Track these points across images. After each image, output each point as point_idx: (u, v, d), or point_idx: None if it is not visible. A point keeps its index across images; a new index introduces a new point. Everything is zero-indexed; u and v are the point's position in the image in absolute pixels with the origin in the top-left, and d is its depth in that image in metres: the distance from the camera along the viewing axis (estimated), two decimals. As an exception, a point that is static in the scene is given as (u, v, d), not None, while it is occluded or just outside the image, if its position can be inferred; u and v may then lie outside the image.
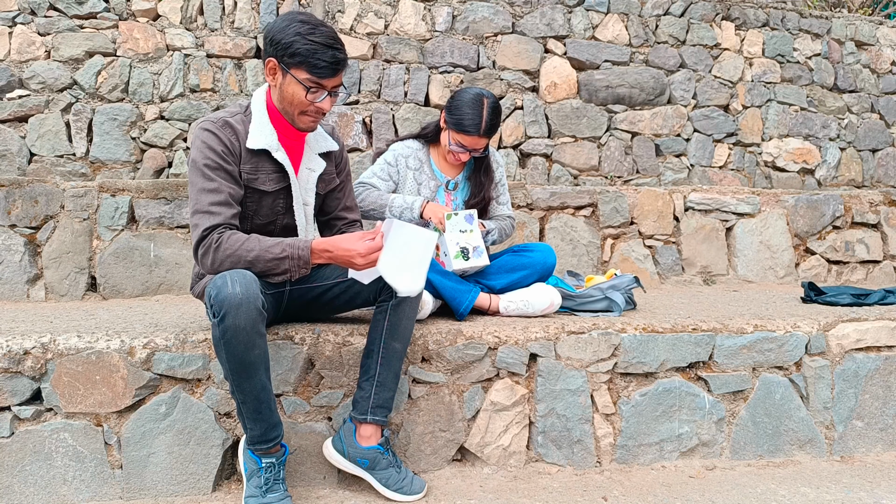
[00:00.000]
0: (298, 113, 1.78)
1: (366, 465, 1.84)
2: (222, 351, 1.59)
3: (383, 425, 1.87)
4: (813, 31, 4.87)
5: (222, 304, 1.54)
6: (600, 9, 4.46)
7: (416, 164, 2.44)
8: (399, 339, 1.86)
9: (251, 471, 1.75)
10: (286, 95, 1.75)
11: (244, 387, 1.63)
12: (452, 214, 2.23)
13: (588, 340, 2.13)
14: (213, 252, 1.66)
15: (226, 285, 1.55)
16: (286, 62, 1.71)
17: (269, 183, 1.82)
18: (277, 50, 1.70)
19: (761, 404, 2.23)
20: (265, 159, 1.81)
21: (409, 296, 1.78)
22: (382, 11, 4.18)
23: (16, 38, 3.79)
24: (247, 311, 1.55)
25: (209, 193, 1.70)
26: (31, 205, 2.98)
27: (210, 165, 1.72)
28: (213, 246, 1.66)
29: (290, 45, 1.68)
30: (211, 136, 1.74)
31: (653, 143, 4.46)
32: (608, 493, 1.94)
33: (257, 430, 1.70)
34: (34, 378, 1.83)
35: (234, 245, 1.65)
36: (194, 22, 3.99)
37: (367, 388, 1.84)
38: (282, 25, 1.70)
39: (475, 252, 2.24)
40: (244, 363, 1.60)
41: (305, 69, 1.70)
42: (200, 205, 1.69)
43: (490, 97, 2.32)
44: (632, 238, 3.58)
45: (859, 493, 1.97)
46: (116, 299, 2.99)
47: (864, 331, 2.33)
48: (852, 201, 3.88)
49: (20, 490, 1.81)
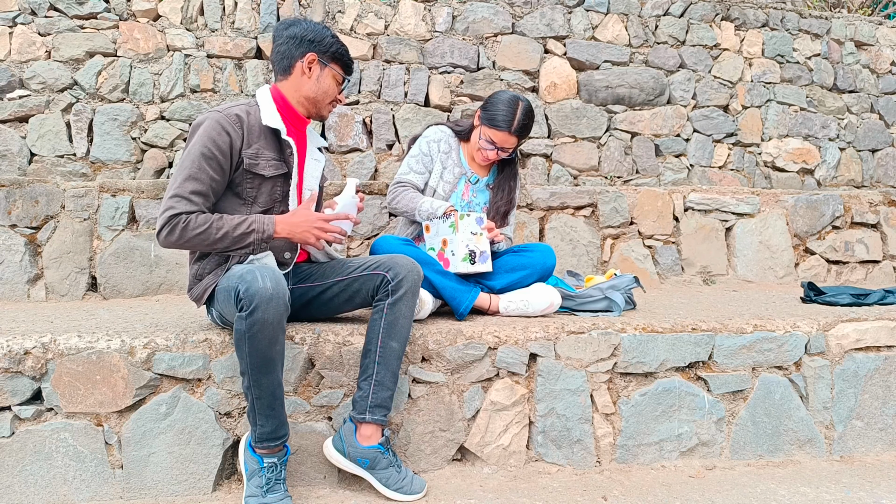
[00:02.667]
0: (328, 103, 2.00)
1: (366, 465, 1.84)
2: (245, 345, 1.62)
3: (383, 425, 1.87)
4: (813, 32, 4.87)
5: (253, 297, 1.59)
6: (600, 9, 4.47)
7: (447, 147, 2.47)
8: (396, 338, 1.87)
9: (252, 470, 1.76)
10: (322, 86, 1.96)
11: (262, 382, 1.67)
12: (465, 215, 2.23)
13: (588, 340, 2.13)
14: (179, 231, 1.73)
15: (256, 280, 1.61)
16: (326, 58, 1.94)
17: (268, 168, 1.88)
18: (317, 47, 1.92)
19: (761, 404, 2.24)
20: (267, 146, 1.88)
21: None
22: (382, 12, 4.18)
23: (16, 39, 3.80)
24: (276, 306, 1.61)
25: (194, 181, 1.77)
26: (31, 205, 2.98)
27: (206, 155, 1.78)
28: (182, 225, 1.73)
29: (331, 45, 1.94)
30: (219, 128, 1.80)
31: (652, 143, 4.47)
32: (608, 493, 1.94)
33: (268, 427, 1.72)
34: (35, 378, 1.84)
35: (202, 224, 1.74)
36: (195, 22, 3.99)
37: (366, 388, 1.85)
38: (317, 28, 1.94)
39: (481, 257, 2.25)
40: (266, 358, 1.64)
41: (340, 66, 1.98)
42: (182, 189, 1.76)
43: (525, 101, 2.37)
44: (631, 238, 3.59)
45: (859, 493, 1.97)
46: (117, 299, 2.99)
47: (864, 331, 2.34)
48: (852, 201, 3.88)
49: (20, 490, 1.81)
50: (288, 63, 1.93)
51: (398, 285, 1.87)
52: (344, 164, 4.03)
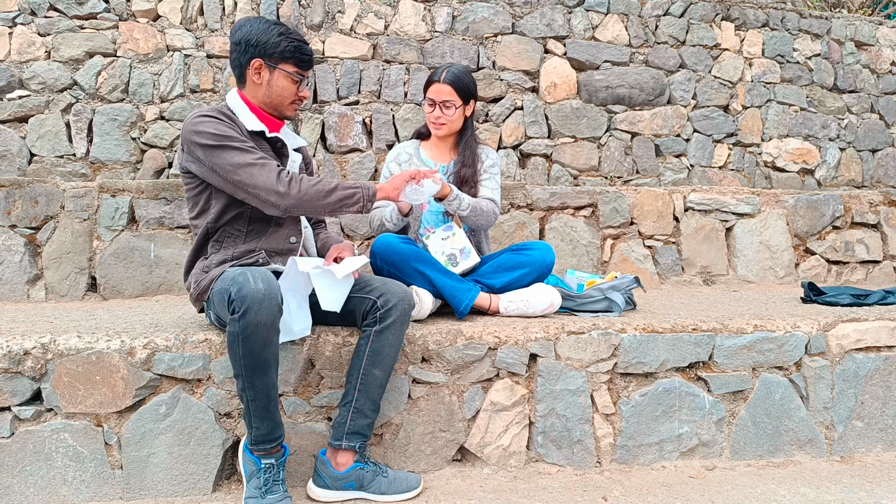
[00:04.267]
0: (288, 104, 1.94)
1: (354, 487, 1.83)
2: (239, 347, 1.61)
3: (359, 452, 1.85)
4: (813, 32, 4.87)
5: (244, 299, 1.57)
6: (600, 9, 4.46)
7: (405, 157, 2.56)
8: (380, 366, 1.84)
9: (251, 472, 1.75)
10: (276, 90, 1.90)
11: (256, 384, 1.65)
12: (430, 234, 2.32)
13: (588, 340, 2.13)
14: (297, 183, 1.77)
15: (248, 282, 1.60)
16: (273, 60, 1.87)
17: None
18: (261, 51, 1.86)
19: (761, 404, 2.24)
20: (258, 145, 1.88)
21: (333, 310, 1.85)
22: (382, 12, 4.18)
23: (16, 39, 3.79)
24: (268, 308, 1.59)
25: (245, 153, 1.78)
26: (31, 205, 2.98)
27: (232, 141, 1.79)
28: (296, 178, 1.78)
29: (277, 44, 1.85)
30: (214, 121, 1.81)
31: (653, 143, 4.46)
32: (608, 493, 1.94)
33: (263, 430, 1.71)
34: (34, 378, 1.83)
35: (311, 181, 1.79)
36: (194, 22, 3.99)
37: (344, 415, 1.85)
38: (261, 28, 1.86)
39: (462, 254, 2.29)
40: (259, 360, 1.63)
41: (293, 63, 1.89)
42: (248, 159, 1.77)
43: (460, 65, 2.49)
44: (632, 238, 3.58)
45: (859, 494, 1.97)
46: (117, 299, 2.99)
47: (864, 331, 2.34)
48: (852, 201, 3.88)
49: (20, 490, 1.81)
50: (239, 72, 1.91)
51: (387, 313, 1.83)
52: (344, 165, 4.03)
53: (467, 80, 2.44)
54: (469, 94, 2.45)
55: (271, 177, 1.75)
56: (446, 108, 2.41)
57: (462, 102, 2.43)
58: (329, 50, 4.08)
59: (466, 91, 2.43)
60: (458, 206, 2.29)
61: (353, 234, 3.31)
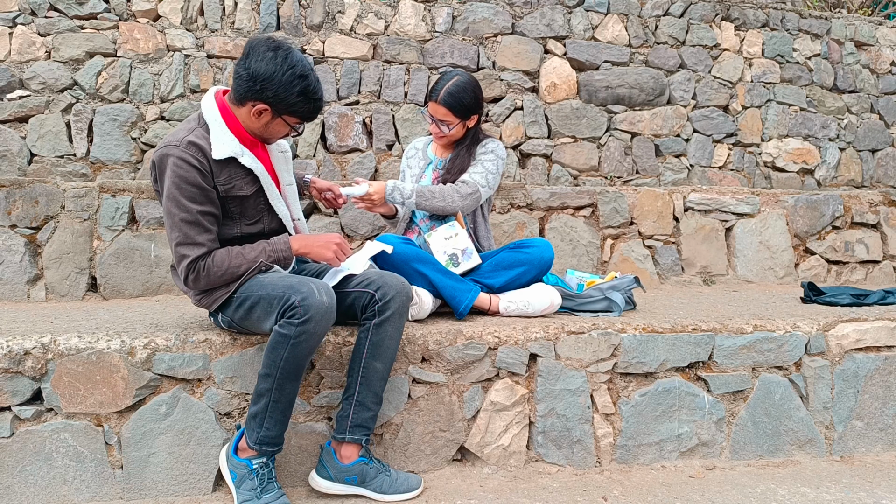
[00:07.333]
0: (277, 139, 1.93)
1: (356, 481, 1.84)
2: (285, 350, 1.67)
3: (362, 445, 1.86)
4: (812, 32, 4.87)
5: (309, 308, 1.65)
6: (600, 9, 4.47)
7: (412, 151, 2.64)
8: (381, 358, 1.85)
9: (241, 476, 1.76)
10: (271, 130, 1.86)
11: (286, 388, 1.72)
12: (432, 232, 2.33)
13: (588, 340, 2.13)
14: (204, 277, 1.77)
15: (313, 293, 1.67)
16: (280, 110, 1.79)
17: (245, 187, 1.85)
18: (273, 101, 1.76)
19: (761, 404, 2.24)
20: (235, 165, 1.82)
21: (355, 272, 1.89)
22: (382, 12, 4.18)
23: (16, 39, 3.80)
24: (328, 321, 1.70)
25: (190, 226, 1.75)
26: (31, 205, 2.98)
27: (186, 194, 1.74)
28: (203, 273, 1.76)
29: (293, 103, 1.77)
30: (180, 162, 1.73)
31: (652, 143, 4.47)
32: (608, 493, 1.94)
33: (274, 431, 1.75)
34: (34, 378, 1.84)
35: (222, 265, 1.78)
36: (195, 23, 3.99)
37: (347, 408, 1.85)
38: (284, 80, 1.73)
39: (464, 255, 2.30)
40: (299, 367, 1.71)
41: (300, 117, 1.84)
42: (184, 237, 1.76)
43: (464, 76, 2.39)
44: (632, 238, 3.58)
45: (859, 493, 1.97)
46: (117, 299, 2.99)
47: (864, 331, 2.34)
48: (852, 201, 3.88)
49: (20, 490, 1.81)
50: (240, 98, 1.79)
51: (385, 306, 1.83)
52: (344, 165, 4.04)
53: (466, 98, 2.35)
54: (468, 112, 2.38)
55: (184, 263, 1.75)
56: (444, 125, 2.40)
57: (460, 120, 2.39)
58: (329, 50, 4.08)
59: (464, 110, 2.37)
60: (400, 197, 2.28)
61: (353, 235, 3.32)
